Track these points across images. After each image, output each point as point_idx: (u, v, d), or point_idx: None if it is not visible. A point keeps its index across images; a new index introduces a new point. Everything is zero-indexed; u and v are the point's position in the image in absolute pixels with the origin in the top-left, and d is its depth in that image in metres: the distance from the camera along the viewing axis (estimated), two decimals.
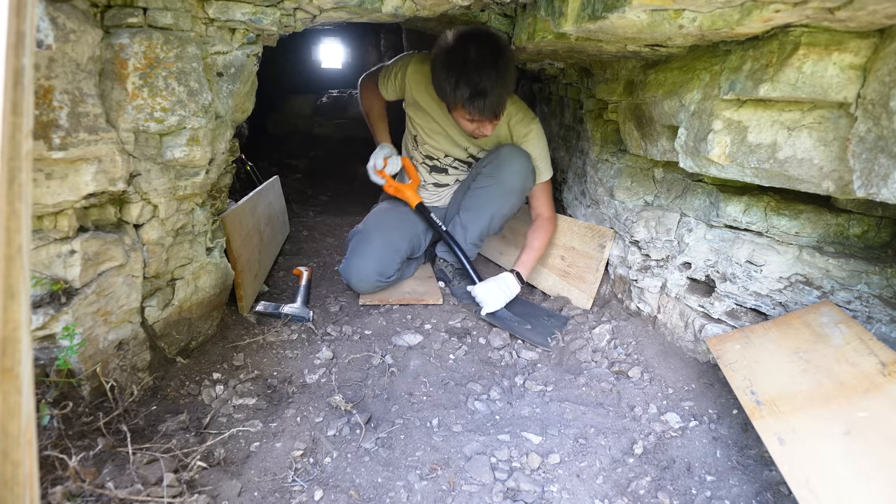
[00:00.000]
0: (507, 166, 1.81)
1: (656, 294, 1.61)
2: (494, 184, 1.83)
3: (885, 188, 0.87)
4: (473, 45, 1.51)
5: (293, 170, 4.11)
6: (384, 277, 1.82)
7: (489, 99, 1.53)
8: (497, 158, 1.83)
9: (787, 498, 0.98)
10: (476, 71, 1.49)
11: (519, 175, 1.81)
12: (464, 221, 1.91)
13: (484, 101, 1.52)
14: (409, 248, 1.93)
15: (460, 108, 1.60)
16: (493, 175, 1.83)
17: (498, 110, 1.60)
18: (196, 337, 1.41)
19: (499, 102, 1.57)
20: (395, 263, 1.85)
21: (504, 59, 1.54)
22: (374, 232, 1.87)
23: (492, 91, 1.52)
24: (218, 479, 0.96)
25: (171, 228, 1.24)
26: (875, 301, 1.15)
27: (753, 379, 1.08)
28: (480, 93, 1.51)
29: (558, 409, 1.28)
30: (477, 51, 1.51)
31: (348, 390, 1.33)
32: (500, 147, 1.85)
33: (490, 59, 1.51)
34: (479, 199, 1.87)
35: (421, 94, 1.84)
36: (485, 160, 1.89)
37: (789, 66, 0.98)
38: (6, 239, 0.46)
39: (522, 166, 1.81)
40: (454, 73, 1.52)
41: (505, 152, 1.82)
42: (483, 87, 1.50)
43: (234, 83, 1.28)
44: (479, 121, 1.62)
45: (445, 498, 0.99)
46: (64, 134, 0.89)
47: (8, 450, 0.46)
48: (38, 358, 0.97)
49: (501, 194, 1.83)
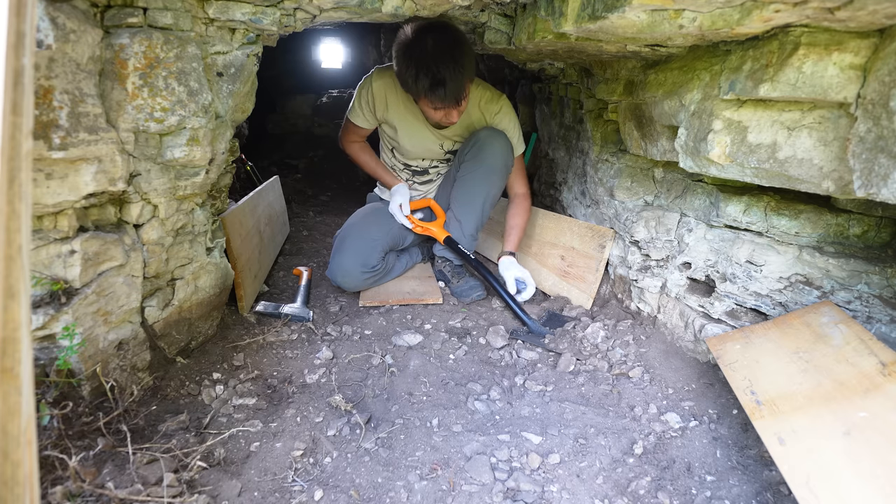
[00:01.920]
0: (487, 147, 1.88)
1: (656, 294, 1.61)
2: (478, 166, 1.89)
3: (885, 188, 0.87)
4: (430, 37, 1.56)
5: (293, 170, 4.11)
6: (368, 268, 1.85)
7: (449, 87, 1.58)
8: (477, 143, 1.90)
9: (787, 498, 0.98)
10: (434, 62, 1.55)
11: (500, 154, 1.88)
12: (457, 215, 1.95)
13: (444, 89, 1.58)
14: (389, 240, 1.97)
15: (424, 99, 1.66)
16: (476, 158, 1.89)
17: (458, 96, 1.65)
18: (196, 337, 1.41)
19: (458, 89, 1.62)
20: (376, 253, 1.89)
21: (460, 47, 1.60)
22: (351, 230, 1.95)
23: (451, 79, 1.57)
24: (218, 479, 0.96)
25: (171, 228, 1.24)
26: (875, 301, 1.15)
27: (753, 379, 1.08)
28: (440, 82, 1.57)
29: (558, 409, 1.28)
30: (434, 42, 1.56)
31: (348, 390, 1.33)
32: (477, 132, 1.92)
33: (447, 49, 1.56)
34: (468, 188, 1.92)
35: (390, 103, 1.90)
36: (465, 148, 1.95)
37: (789, 66, 0.98)
38: (6, 239, 0.46)
39: (501, 145, 1.89)
40: (413, 66, 1.58)
41: (483, 135, 1.89)
42: (442, 77, 1.56)
43: (234, 83, 1.28)
44: (444, 108, 1.68)
45: (445, 498, 0.99)
46: (64, 134, 0.89)
47: (8, 450, 0.46)
48: (38, 358, 0.97)
49: (487, 176, 1.89)
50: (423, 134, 1.96)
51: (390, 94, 1.88)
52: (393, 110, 1.91)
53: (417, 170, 2.11)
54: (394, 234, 2.00)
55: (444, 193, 2.08)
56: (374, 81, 1.88)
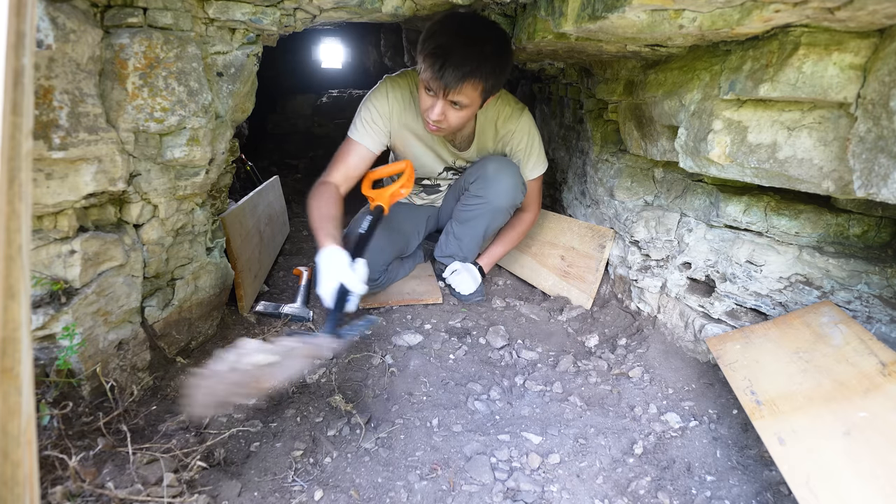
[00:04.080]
0: (493, 186, 1.73)
1: (656, 294, 1.61)
2: (483, 203, 1.77)
3: (885, 188, 0.87)
4: (469, 18, 1.41)
5: (293, 170, 4.11)
6: (370, 282, 1.78)
7: (451, 60, 1.31)
8: (484, 177, 1.73)
9: (787, 498, 0.98)
10: (449, 31, 1.34)
11: (507, 194, 1.75)
12: (457, 233, 1.90)
13: (444, 60, 1.31)
14: (395, 251, 1.91)
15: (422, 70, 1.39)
16: (481, 195, 1.76)
17: (455, 82, 1.34)
18: (196, 337, 1.41)
19: (461, 73, 1.33)
20: (380, 266, 1.81)
21: (486, 38, 1.37)
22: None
23: (457, 54, 1.31)
24: (218, 479, 0.96)
25: (171, 228, 1.24)
26: (875, 301, 1.15)
27: (753, 379, 1.08)
28: (445, 51, 1.31)
29: (558, 409, 1.28)
30: (461, 18, 1.39)
31: (348, 390, 1.33)
32: (486, 161, 1.75)
33: (470, 29, 1.36)
34: (469, 217, 1.84)
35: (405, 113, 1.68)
36: (472, 174, 1.80)
37: (789, 66, 0.98)
38: (6, 239, 0.46)
39: (509, 185, 1.73)
40: (432, 28, 1.37)
41: (491, 170, 1.72)
42: (449, 46, 1.31)
43: (234, 83, 1.28)
44: (433, 91, 1.39)
45: (445, 498, 0.99)
46: (64, 134, 0.89)
47: (8, 450, 0.46)
48: (38, 358, 0.97)
49: (491, 213, 1.80)
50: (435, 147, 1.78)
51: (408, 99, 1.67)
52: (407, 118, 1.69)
53: (429, 185, 2.01)
54: (399, 244, 1.94)
55: (448, 205, 2.03)
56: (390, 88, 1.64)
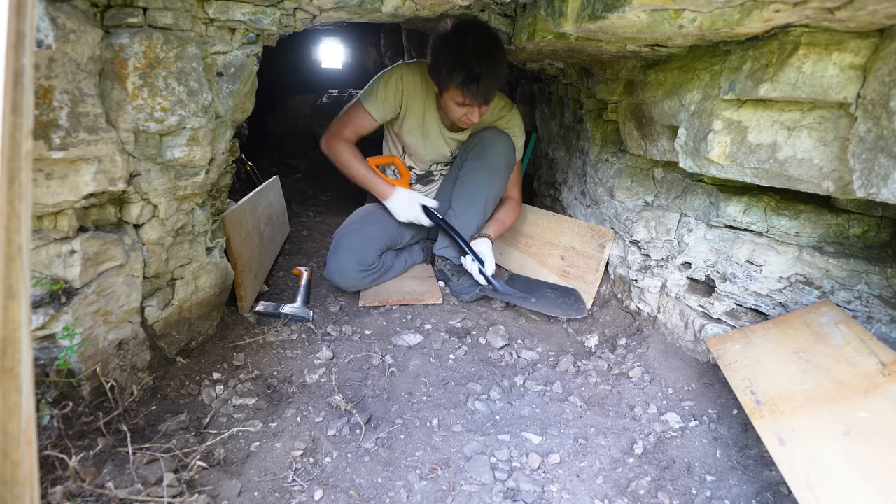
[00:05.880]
0: (490, 146, 1.91)
1: (656, 294, 1.61)
2: (482, 164, 1.91)
3: (885, 188, 0.87)
4: (472, 34, 1.60)
5: (293, 170, 4.10)
6: (364, 266, 1.85)
7: (483, 83, 1.61)
8: (480, 141, 1.93)
9: (787, 498, 0.98)
10: (473, 56, 1.58)
11: (503, 153, 1.92)
12: (459, 213, 1.96)
13: (478, 85, 1.61)
14: (386, 238, 1.97)
15: (453, 91, 1.66)
16: (479, 156, 1.92)
17: (488, 97, 1.68)
18: (196, 337, 1.41)
19: (490, 89, 1.65)
20: (373, 251, 1.88)
21: (499, 51, 1.64)
22: (347, 229, 1.95)
23: (486, 77, 1.60)
24: (218, 479, 0.96)
25: (171, 228, 1.24)
26: (875, 301, 1.15)
27: (753, 379, 1.08)
28: (475, 77, 1.60)
29: (558, 408, 1.28)
30: (475, 39, 1.59)
31: (348, 390, 1.33)
32: (480, 131, 1.95)
33: (487, 48, 1.60)
34: (470, 186, 1.93)
35: (416, 100, 1.90)
36: (467, 147, 1.98)
37: (789, 66, 0.98)
38: (6, 239, 0.46)
39: (505, 144, 1.93)
40: (452, 56, 1.60)
41: (487, 135, 1.93)
42: (478, 72, 1.59)
43: (234, 83, 1.28)
44: (470, 105, 1.70)
45: (445, 498, 0.99)
46: (64, 134, 0.89)
47: (8, 450, 0.46)
48: (38, 358, 0.97)
49: (490, 175, 1.92)
50: (437, 135, 1.97)
51: (417, 88, 1.88)
52: (416, 105, 1.91)
53: (421, 173, 2.13)
54: (391, 233, 2.00)
55: (445, 192, 2.09)
56: (405, 74, 1.86)
